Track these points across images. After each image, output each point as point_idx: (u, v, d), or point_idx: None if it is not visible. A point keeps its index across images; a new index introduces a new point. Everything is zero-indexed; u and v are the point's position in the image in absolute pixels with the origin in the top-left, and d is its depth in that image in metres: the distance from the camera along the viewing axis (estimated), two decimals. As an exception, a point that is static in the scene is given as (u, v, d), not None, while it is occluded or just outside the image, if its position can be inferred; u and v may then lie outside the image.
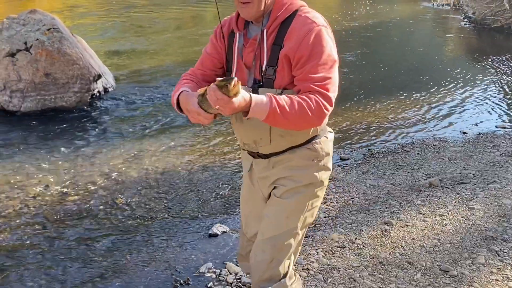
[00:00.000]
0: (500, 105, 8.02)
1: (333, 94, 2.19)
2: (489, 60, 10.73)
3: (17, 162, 5.70)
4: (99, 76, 7.91)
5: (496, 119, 7.38)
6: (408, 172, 5.49)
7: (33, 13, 7.80)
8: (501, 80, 9.30)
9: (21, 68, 7.21)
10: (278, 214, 2.45)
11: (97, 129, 6.79)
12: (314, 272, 3.62)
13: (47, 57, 7.28)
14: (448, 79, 9.22)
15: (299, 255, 3.54)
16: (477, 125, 7.05)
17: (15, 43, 7.32)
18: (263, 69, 2.25)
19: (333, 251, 3.90)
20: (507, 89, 8.86)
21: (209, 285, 3.57)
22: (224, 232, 4.33)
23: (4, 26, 7.60)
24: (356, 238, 4.08)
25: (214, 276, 3.68)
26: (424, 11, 17.52)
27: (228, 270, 3.72)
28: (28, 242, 4.17)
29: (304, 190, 2.44)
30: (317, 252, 3.88)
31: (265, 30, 2.25)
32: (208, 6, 17.62)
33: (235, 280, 3.61)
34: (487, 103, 8.04)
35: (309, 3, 2.38)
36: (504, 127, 7.01)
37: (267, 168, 2.48)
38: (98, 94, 7.92)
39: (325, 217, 4.50)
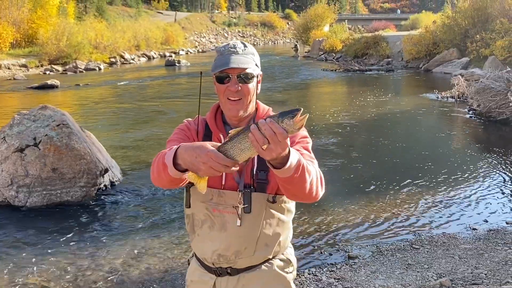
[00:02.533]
0: (510, 200, 7.92)
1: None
2: (496, 152, 10.73)
3: (17, 260, 5.61)
4: (106, 170, 7.96)
5: (506, 215, 7.25)
6: (418, 272, 5.33)
7: (44, 109, 7.98)
8: (509, 174, 9.25)
9: (29, 164, 7.28)
10: None
11: (101, 226, 6.73)
12: None
13: (55, 152, 7.36)
14: (455, 172, 9.18)
15: None
16: (486, 221, 6.92)
17: (24, 139, 7.43)
18: (254, 173, 2.21)
19: None
20: (515, 182, 8.79)
21: None
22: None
23: (15, 122, 7.75)
24: None
25: None
26: (429, 103, 17.79)
27: None
28: None
29: None
30: None
31: None
32: (216, 98, 18.01)
33: None
34: (496, 198, 7.93)
35: (314, 94, 2.41)
36: (515, 223, 6.88)
37: None
38: (104, 188, 7.93)
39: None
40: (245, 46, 2.25)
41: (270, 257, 2.31)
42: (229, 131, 1.88)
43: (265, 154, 1.80)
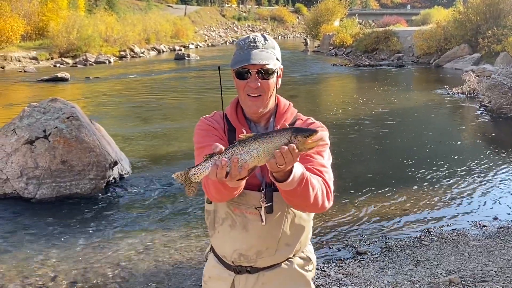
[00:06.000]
0: (520, 197, 7.86)
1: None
2: (507, 149, 10.65)
3: (27, 251, 5.64)
4: (115, 163, 7.97)
5: (517, 212, 7.20)
6: (427, 268, 5.30)
7: (54, 101, 8.00)
8: (520, 170, 9.17)
9: (38, 156, 7.30)
10: None
11: (110, 218, 6.75)
12: None
13: (65, 145, 7.38)
14: (465, 169, 9.11)
15: None
16: (497, 218, 6.87)
17: (34, 131, 7.45)
18: None
19: None
20: (526, 180, 8.72)
21: None
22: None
23: (25, 114, 7.77)
24: None
25: None
26: (439, 99, 17.67)
27: None
28: None
29: None
30: None
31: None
32: (228, 93, 17.99)
33: None
34: (506, 195, 7.87)
35: (324, 89, 2.38)
36: (525, 220, 6.82)
37: None
38: (113, 181, 7.95)
39: (341, 317, 4.30)
40: (265, 39, 2.18)
41: (291, 256, 2.29)
42: (239, 135, 1.86)
43: (270, 165, 1.81)
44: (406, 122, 13.83)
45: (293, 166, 1.85)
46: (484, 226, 6.61)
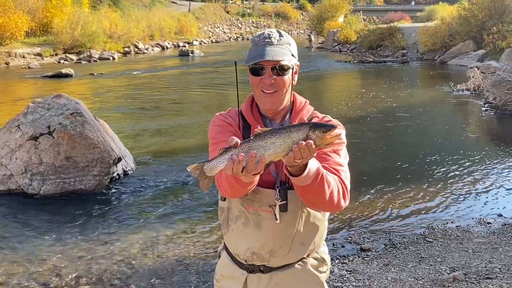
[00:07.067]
0: (525, 194, 7.83)
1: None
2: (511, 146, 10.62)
3: (31, 247, 5.66)
4: (119, 159, 7.97)
5: (521, 209, 7.18)
6: (431, 265, 5.29)
7: (58, 97, 8.01)
8: (524, 167, 9.15)
9: (42, 152, 7.31)
10: None
11: (114, 214, 6.76)
12: None
13: (69, 141, 7.39)
14: (469, 166, 9.09)
15: None
16: (501, 215, 6.85)
17: (38, 127, 7.46)
18: None
19: None
20: (531, 177, 8.69)
21: None
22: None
23: (29, 110, 7.79)
24: None
25: None
26: (444, 95, 17.61)
27: None
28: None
29: None
30: None
31: None
32: (230, 89, 18.00)
33: None
34: (510, 192, 7.85)
35: (328, 86, 2.36)
36: (530, 218, 6.80)
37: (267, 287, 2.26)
38: (117, 177, 7.96)
39: (344, 314, 4.30)
40: (280, 35, 2.15)
41: (305, 256, 2.26)
42: (255, 129, 1.83)
43: (287, 159, 1.78)
44: (410, 119, 13.79)
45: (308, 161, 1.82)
46: (489, 223, 6.60)
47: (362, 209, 7.01)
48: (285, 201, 2.12)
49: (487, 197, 7.61)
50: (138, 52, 40.22)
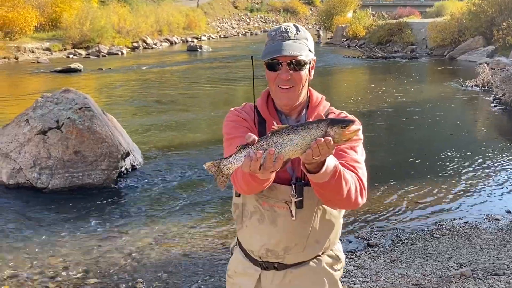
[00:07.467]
0: (534, 190, 7.79)
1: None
2: (520, 142, 10.57)
3: (40, 241, 5.70)
4: (127, 154, 8.00)
5: (530, 206, 7.14)
6: (438, 261, 5.28)
7: (66, 92, 8.04)
8: (534, 164, 9.09)
9: (51, 146, 7.35)
10: None
11: (121, 208, 6.79)
12: None
13: (77, 135, 7.42)
14: (478, 162, 9.05)
15: None
16: (509, 212, 6.81)
17: (47, 121, 7.50)
18: None
19: None
20: (540, 173, 8.64)
21: None
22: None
23: (38, 104, 7.82)
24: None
25: None
26: (453, 91, 17.52)
27: None
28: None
29: None
30: None
31: None
32: (239, 84, 18.01)
33: None
34: (519, 188, 7.82)
35: (337, 81, 2.34)
36: (538, 214, 6.76)
37: (280, 286, 2.25)
38: (125, 172, 7.99)
39: (351, 309, 4.31)
40: (297, 30, 2.12)
41: (320, 253, 2.24)
42: (272, 126, 1.80)
43: (305, 156, 1.76)
44: (419, 115, 13.74)
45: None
46: (497, 219, 6.57)
47: (369, 204, 7.00)
48: (301, 198, 2.10)
49: (495, 194, 7.58)
50: (147, 47, 40.26)
